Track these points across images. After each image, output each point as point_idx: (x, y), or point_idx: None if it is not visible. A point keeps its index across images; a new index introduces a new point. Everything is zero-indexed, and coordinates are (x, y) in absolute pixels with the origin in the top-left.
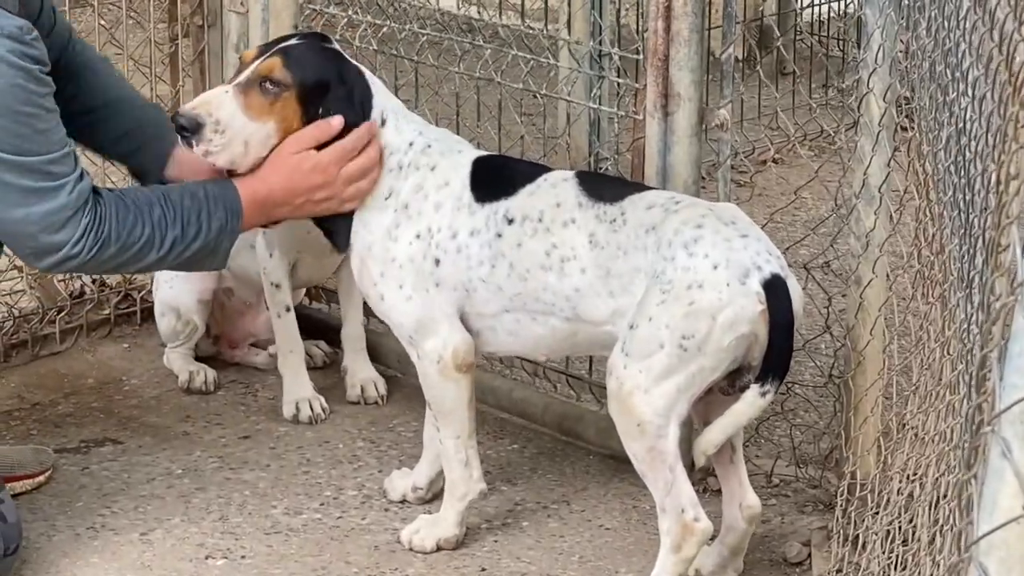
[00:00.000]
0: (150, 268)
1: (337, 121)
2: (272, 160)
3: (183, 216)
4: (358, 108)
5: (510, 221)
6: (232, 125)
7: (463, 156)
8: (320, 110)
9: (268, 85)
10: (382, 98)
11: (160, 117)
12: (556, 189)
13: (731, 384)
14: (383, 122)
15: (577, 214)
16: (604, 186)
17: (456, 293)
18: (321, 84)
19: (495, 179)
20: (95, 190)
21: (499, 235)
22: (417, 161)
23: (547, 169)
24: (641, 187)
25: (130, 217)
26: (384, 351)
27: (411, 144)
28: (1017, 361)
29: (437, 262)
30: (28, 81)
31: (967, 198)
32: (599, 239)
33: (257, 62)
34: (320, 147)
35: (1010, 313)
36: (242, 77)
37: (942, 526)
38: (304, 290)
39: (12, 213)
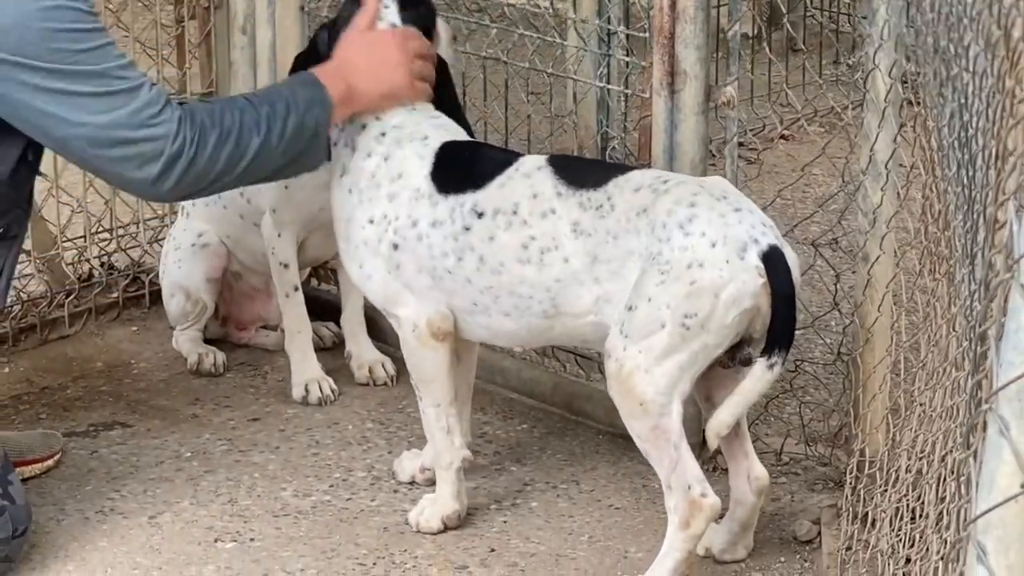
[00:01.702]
0: (258, 162)
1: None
2: (345, 42)
3: (266, 97)
4: (331, 40)
5: (480, 215)
6: None
7: (427, 144)
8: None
9: None
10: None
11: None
12: (530, 179)
13: (731, 357)
14: None
15: (557, 204)
16: (582, 171)
17: (421, 275)
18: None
19: (460, 169)
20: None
21: (467, 228)
22: (371, 147)
23: (516, 155)
24: (620, 168)
25: (216, 107)
26: (392, 331)
27: (364, 126)
28: (1014, 338)
29: (395, 247)
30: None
31: (970, 174)
32: (584, 227)
33: None
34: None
35: (1007, 290)
36: None
37: (948, 504)
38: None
39: (98, 118)
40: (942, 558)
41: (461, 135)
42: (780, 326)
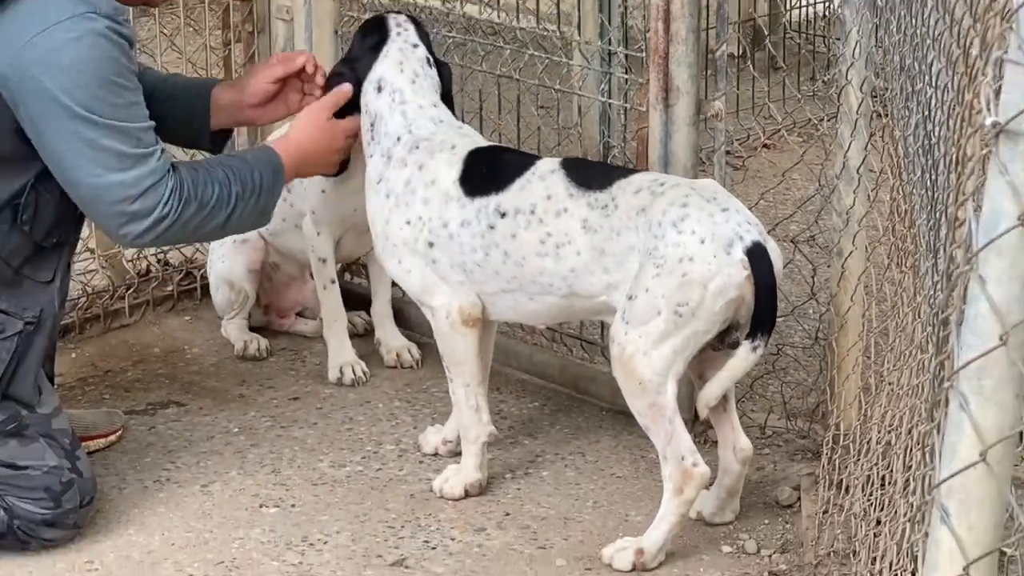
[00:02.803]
0: (216, 230)
1: (346, 88)
2: (307, 124)
3: (239, 175)
4: (355, 70)
5: (503, 215)
6: None
7: (455, 152)
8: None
9: None
10: (385, 71)
11: (185, 81)
12: (545, 182)
13: (720, 341)
14: (379, 88)
15: (569, 203)
16: (590, 174)
17: (454, 269)
18: (349, 47)
19: (485, 174)
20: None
21: (492, 227)
22: (405, 158)
23: (534, 159)
24: (624, 171)
25: (201, 176)
26: (417, 320)
27: (399, 139)
28: (973, 323)
29: (431, 245)
30: (121, 55)
31: (933, 178)
32: (592, 224)
33: None
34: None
35: (967, 280)
36: None
37: (914, 472)
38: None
39: (109, 177)
40: (909, 520)
41: (482, 141)
42: (763, 313)
